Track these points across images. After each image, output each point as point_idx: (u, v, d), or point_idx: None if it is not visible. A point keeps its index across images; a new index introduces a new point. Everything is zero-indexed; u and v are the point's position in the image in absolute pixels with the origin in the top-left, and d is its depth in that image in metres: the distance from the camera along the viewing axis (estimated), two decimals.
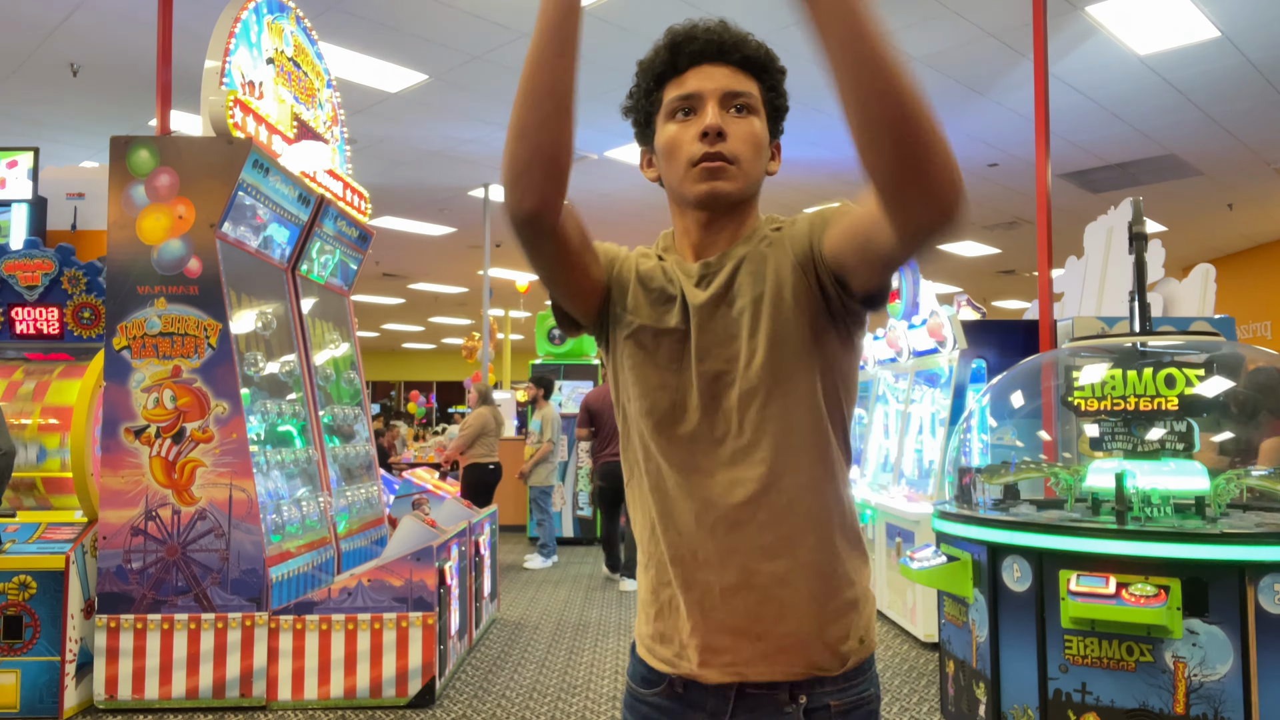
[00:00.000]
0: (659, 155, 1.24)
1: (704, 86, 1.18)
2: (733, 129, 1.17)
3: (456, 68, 6.62)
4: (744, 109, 1.19)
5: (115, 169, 4.16)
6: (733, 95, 1.18)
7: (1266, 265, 12.56)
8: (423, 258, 13.61)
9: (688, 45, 1.20)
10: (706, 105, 1.17)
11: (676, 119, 1.20)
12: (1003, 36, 6.05)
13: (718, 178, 1.17)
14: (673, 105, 1.20)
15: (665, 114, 1.21)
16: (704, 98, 1.18)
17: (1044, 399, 3.98)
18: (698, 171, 1.17)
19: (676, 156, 1.19)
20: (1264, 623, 2.61)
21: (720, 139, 1.16)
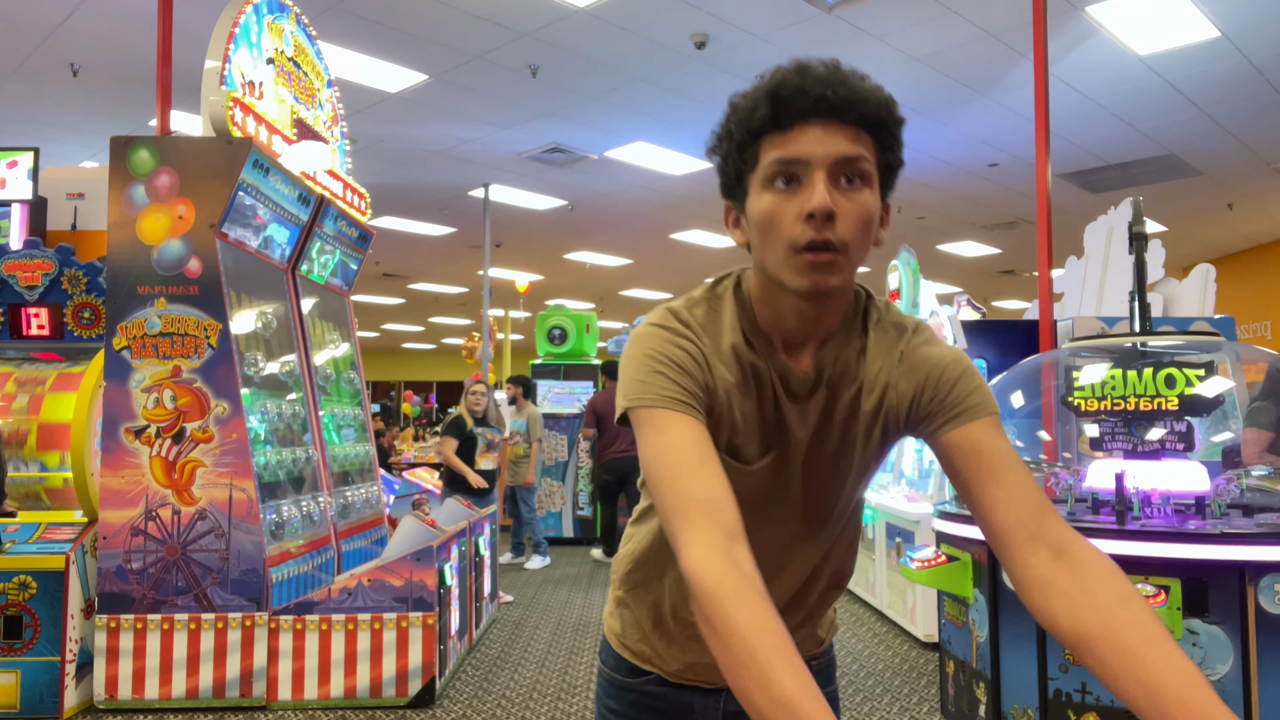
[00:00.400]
0: (751, 225, 1.05)
1: (813, 153, 0.99)
2: (844, 208, 0.99)
3: (456, 68, 6.62)
4: (855, 179, 1.00)
5: (115, 169, 4.16)
6: (845, 163, 0.99)
7: (1266, 265, 12.56)
8: (423, 258, 13.61)
9: (797, 100, 0.99)
10: (814, 176, 0.98)
11: (775, 187, 1.01)
12: (1003, 36, 6.05)
13: (824, 271, 1.00)
14: (771, 170, 1.01)
15: (763, 178, 1.02)
16: (811, 166, 0.99)
17: (1044, 399, 3.98)
18: (801, 262, 1.00)
19: (774, 235, 1.02)
20: (1264, 623, 2.61)
21: (828, 223, 0.98)
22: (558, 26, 5.93)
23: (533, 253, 13.34)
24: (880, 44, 6.09)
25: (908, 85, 6.77)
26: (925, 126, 7.76)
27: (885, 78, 1.06)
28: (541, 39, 6.12)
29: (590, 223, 11.30)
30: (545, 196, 10.15)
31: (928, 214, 10.84)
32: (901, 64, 6.39)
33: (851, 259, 1.01)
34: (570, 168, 9.04)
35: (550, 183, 9.61)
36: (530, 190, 9.91)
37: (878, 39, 6.02)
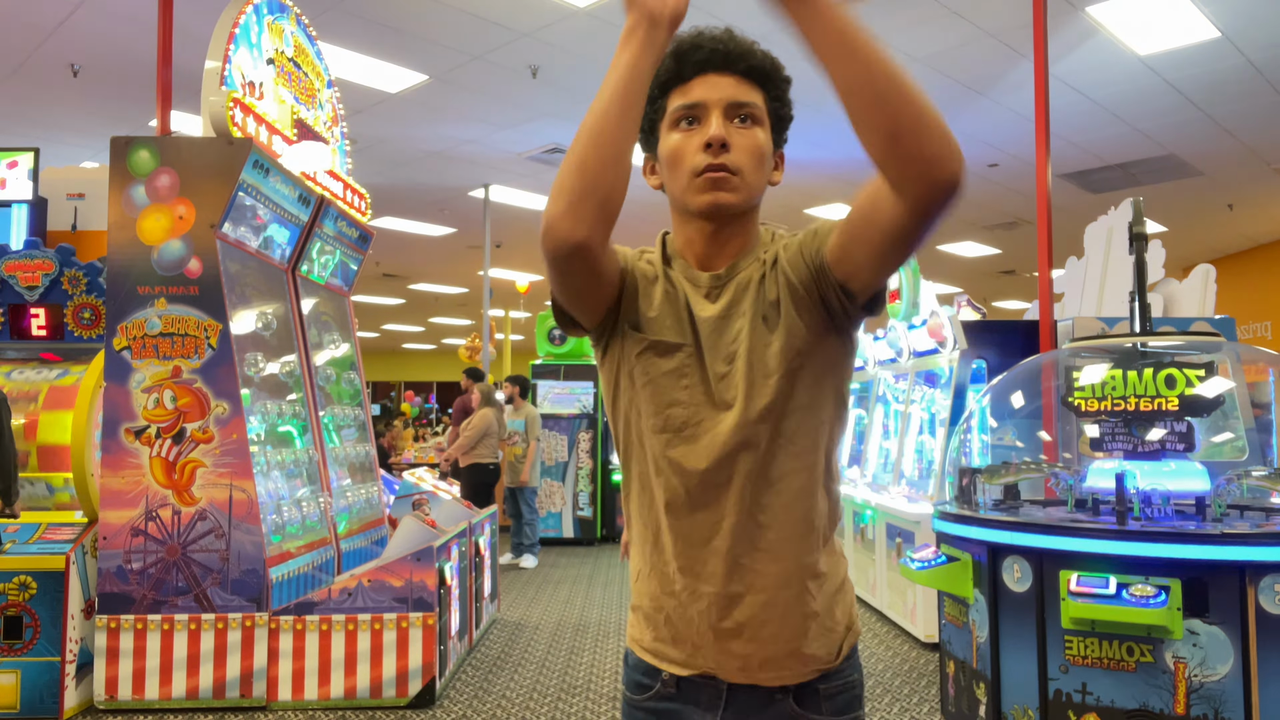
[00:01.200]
0: (662, 164, 1.24)
1: (708, 96, 1.18)
2: (736, 140, 1.17)
3: (457, 68, 6.62)
4: (748, 119, 1.19)
5: (115, 169, 4.16)
6: (737, 106, 1.18)
7: (1267, 265, 12.56)
8: (423, 258, 13.61)
9: (693, 54, 1.20)
10: (710, 115, 1.18)
11: (680, 128, 1.20)
12: (1003, 37, 6.05)
13: (720, 188, 1.17)
14: (676, 114, 1.20)
15: (669, 122, 1.22)
16: (708, 108, 1.18)
17: (1044, 399, 3.98)
18: (701, 182, 1.17)
19: (679, 166, 1.20)
20: (1264, 623, 2.61)
21: (724, 150, 1.16)
22: (558, 27, 5.93)
23: (533, 253, 13.33)
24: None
25: None
26: None
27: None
28: (541, 39, 6.12)
29: None
30: (545, 197, 10.07)
31: None
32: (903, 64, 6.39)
33: (746, 182, 1.18)
34: None
35: (550, 183, 9.56)
36: (530, 190, 9.91)
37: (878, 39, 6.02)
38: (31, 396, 4.48)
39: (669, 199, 1.26)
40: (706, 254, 1.25)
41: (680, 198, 1.22)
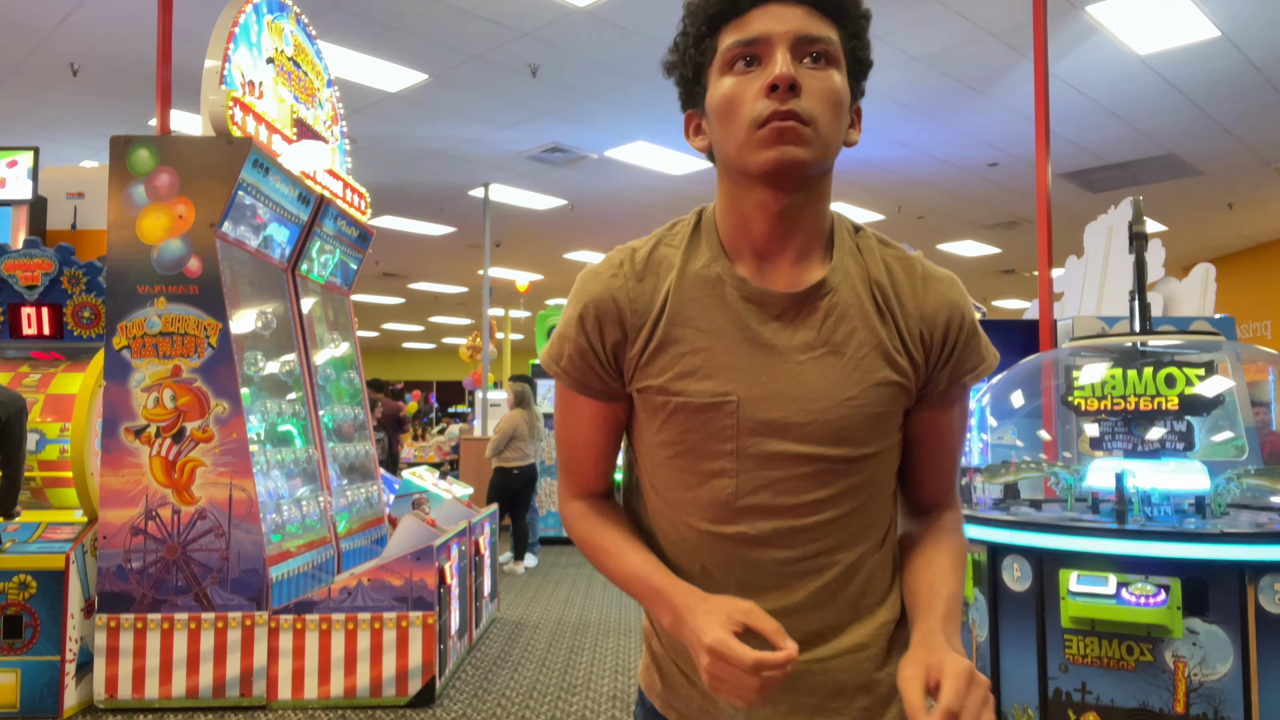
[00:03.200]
0: (711, 117, 0.98)
1: (772, 29, 0.92)
2: (809, 82, 0.92)
3: (456, 67, 6.62)
4: (821, 58, 0.93)
5: (115, 168, 4.15)
6: (808, 40, 0.92)
7: (1267, 265, 12.56)
8: (422, 257, 13.60)
9: None
10: (775, 52, 0.92)
11: (736, 70, 0.94)
12: (1003, 36, 6.05)
13: (789, 141, 0.90)
14: (731, 53, 0.94)
15: (721, 64, 0.95)
16: (772, 43, 0.92)
17: (1044, 398, 3.98)
18: (764, 134, 0.91)
19: (736, 116, 0.93)
20: (1264, 622, 2.61)
21: (793, 93, 0.90)
22: (558, 26, 5.93)
23: (533, 252, 13.34)
24: (880, 43, 6.07)
25: (908, 84, 6.77)
26: (925, 126, 7.76)
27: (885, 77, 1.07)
28: (541, 38, 6.12)
29: (590, 222, 11.30)
30: (545, 196, 10.15)
31: (928, 214, 10.84)
32: (901, 63, 6.39)
33: (821, 135, 0.92)
34: (570, 167, 9.04)
35: (550, 182, 9.61)
36: (530, 190, 9.91)
37: (878, 38, 6.00)
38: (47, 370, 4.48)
39: (718, 164, 1.01)
40: (768, 239, 0.99)
41: (736, 156, 0.95)
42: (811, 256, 1.00)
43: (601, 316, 1.01)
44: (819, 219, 1.00)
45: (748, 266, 1.00)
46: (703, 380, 0.99)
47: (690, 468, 1.01)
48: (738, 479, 1.00)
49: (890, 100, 7.06)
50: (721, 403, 0.98)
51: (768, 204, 0.96)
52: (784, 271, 1.00)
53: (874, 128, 7.70)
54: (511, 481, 7.49)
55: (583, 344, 1.02)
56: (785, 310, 0.98)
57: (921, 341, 1.00)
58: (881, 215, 10.76)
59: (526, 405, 7.65)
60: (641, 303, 1.01)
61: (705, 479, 1.01)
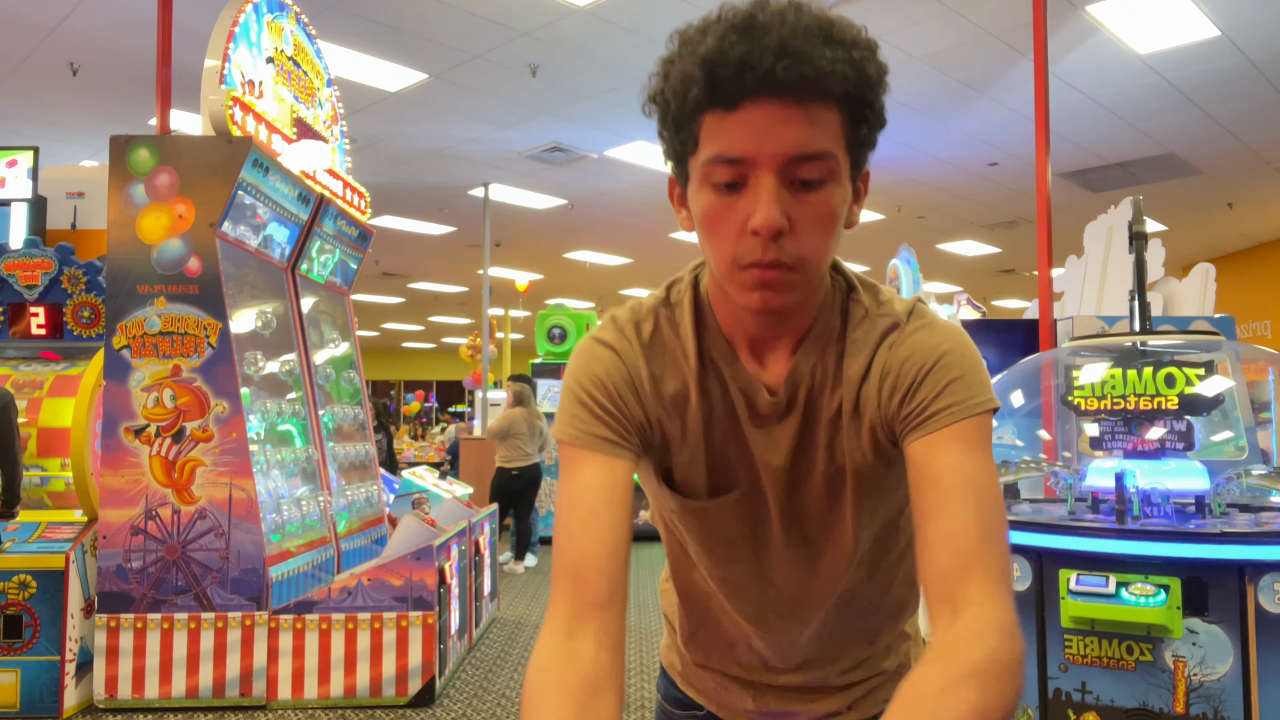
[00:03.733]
0: (694, 217, 0.88)
1: (759, 150, 0.80)
2: (798, 217, 0.82)
3: (456, 67, 6.61)
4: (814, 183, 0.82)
5: (115, 168, 4.15)
6: (800, 161, 0.80)
7: (1266, 264, 12.56)
8: (422, 257, 13.60)
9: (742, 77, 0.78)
10: (760, 182, 0.80)
11: (717, 188, 0.83)
12: (1003, 35, 6.05)
13: (774, 289, 0.84)
14: (711, 170, 0.83)
15: (702, 174, 0.84)
16: (758, 167, 0.80)
17: (1044, 398, 3.98)
18: (746, 277, 0.84)
19: (717, 244, 0.85)
20: (1264, 622, 2.61)
21: (778, 239, 0.81)
22: (557, 25, 5.93)
23: (532, 252, 13.33)
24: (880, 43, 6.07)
25: (908, 84, 6.76)
26: (925, 125, 7.76)
27: None
28: (541, 38, 6.12)
29: (590, 222, 11.29)
30: (545, 195, 10.14)
31: (928, 213, 10.83)
32: (901, 63, 6.38)
33: (809, 272, 0.85)
34: (570, 167, 9.03)
35: (550, 182, 9.61)
36: (530, 189, 9.90)
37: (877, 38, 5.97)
38: (47, 369, 4.48)
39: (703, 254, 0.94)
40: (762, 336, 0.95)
41: (721, 277, 0.88)
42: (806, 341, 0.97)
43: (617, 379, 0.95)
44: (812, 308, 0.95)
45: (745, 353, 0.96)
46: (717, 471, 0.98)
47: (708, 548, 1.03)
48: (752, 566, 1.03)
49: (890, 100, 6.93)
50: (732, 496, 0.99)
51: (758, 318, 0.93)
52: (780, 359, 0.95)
53: None
54: (511, 483, 7.46)
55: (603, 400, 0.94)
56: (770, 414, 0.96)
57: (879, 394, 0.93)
58: (881, 215, 10.76)
59: (526, 403, 7.61)
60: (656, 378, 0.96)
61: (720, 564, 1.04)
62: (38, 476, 4.34)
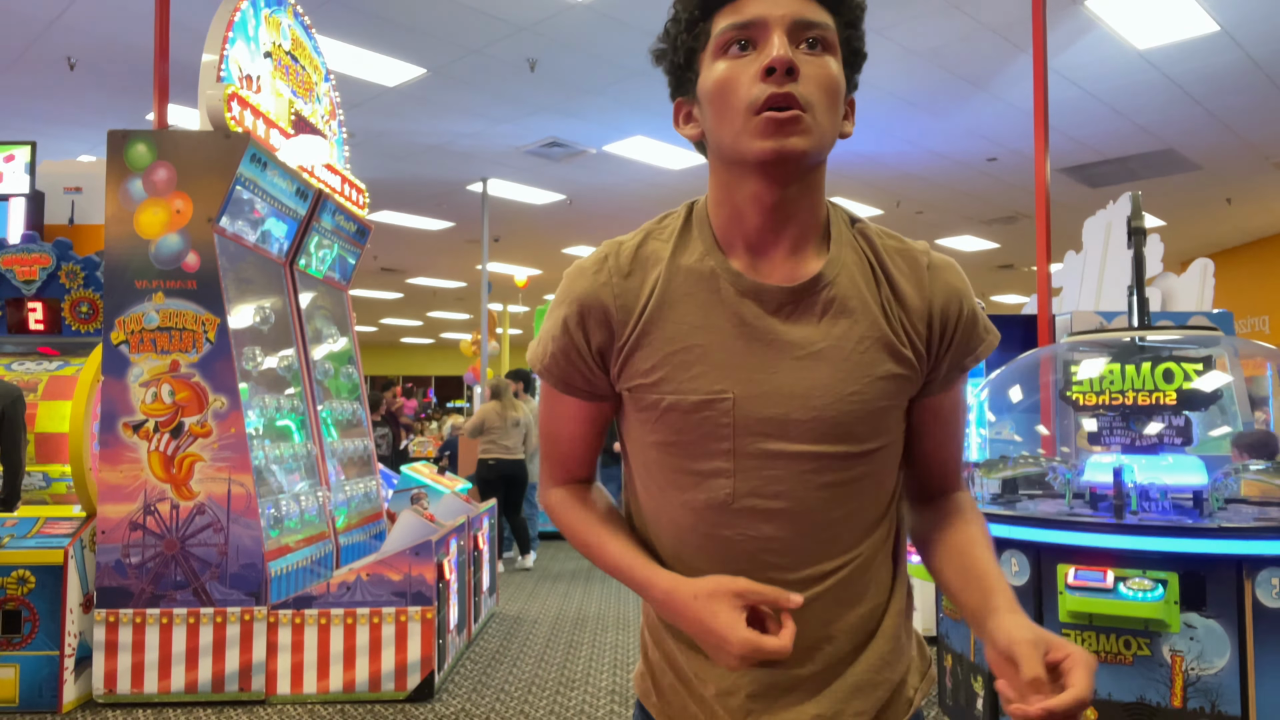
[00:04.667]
0: (703, 103, 0.95)
1: (769, 12, 0.90)
2: (806, 69, 0.90)
3: (454, 61, 6.60)
4: (818, 44, 0.91)
5: (113, 163, 4.15)
6: (805, 25, 0.90)
7: (1265, 260, 12.56)
8: (421, 252, 13.59)
9: None
10: (771, 35, 0.90)
11: (730, 53, 0.92)
12: (1002, 31, 6.04)
13: (788, 131, 0.89)
14: (725, 36, 0.92)
15: (715, 49, 0.93)
16: (768, 26, 0.90)
17: (1042, 393, 3.98)
18: (761, 122, 0.89)
19: (730, 101, 0.91)
20: (1261, 617, 2.61)
21: (790, 77, 0.88)
22: (556, 20, 5.92)
23: (531, 247, 13.33)
24: (879, 38, 6.07)
25: (907, 79, 6.76)
26: (924, 121, 7.75)
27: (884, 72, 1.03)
28: (540, 33, 6.11)
29: (589, 217, 11.29)
30: (543, 191, 10.14)
31: (926, 209, 10.83)
32: (901, 58, 6.38)
33: (819, 123, 0.90)
34: (568, 162, 9.02)
35: (548, 177, 9.60)
36: (528, 184, 9.90)
37: (877, 33, 6.01)
38: (45, 364, 4.47)
39: (710, 153, 0.99)
40: (762, 231, 0.97)
41: (731, 144, 0.93)
42: (806, 249, 0.98)
43: (586, 315, 1.00)
44: (814, 210, 0.98)
45: (741, 260, 0.98)
46: (697, 378, 0.96)
47: (685, 468, 0.99)
48: (735, 479, 0.97)
49: (889, 95, 7.05)
50: (717, 400, 0.96)
51: (761, 196, 0.94)
52: (778, 264, 0.97)
53: (873, 122, 7.69)
54: (487, 473, 7.36)
55: (567, 344, 1.01)
56: (783, 305, 0.96)
57: (926, 332, 0.99)
58: (880, 210, 10.75)
59: (500, 397, 7.58)
60: (628, 299, 0.99)
61: (701, 479, 0.98)
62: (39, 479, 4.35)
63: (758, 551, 0.99)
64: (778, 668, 1.00)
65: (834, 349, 0.96)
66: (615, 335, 0.99)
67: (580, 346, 1.01)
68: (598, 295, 0.99)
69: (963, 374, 1.03)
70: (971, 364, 1.02)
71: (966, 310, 1.00)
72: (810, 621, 0.99)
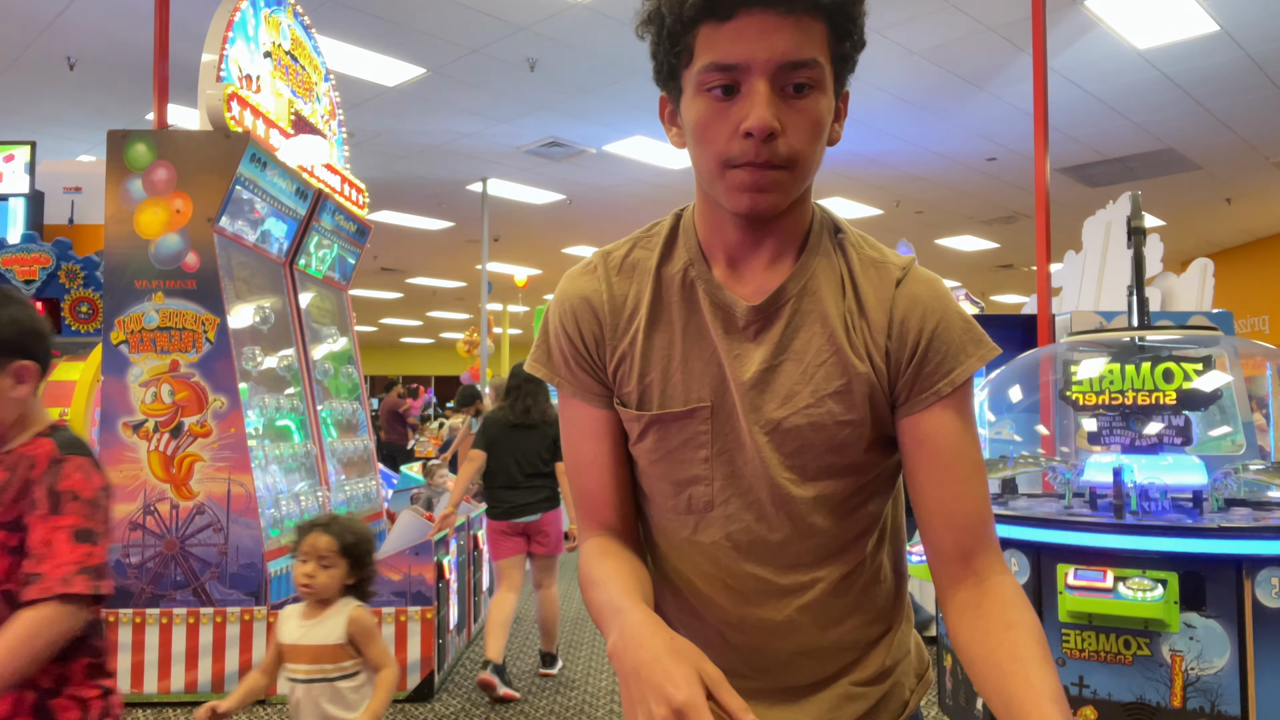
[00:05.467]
0: (685, 129, 0.94)
1: (752, 56, 0.85)
2: (789, 121, 0.87)
3: (454, 61, 6.60)
4: (805, 87, 0.87)
5: (112, 163, 4.15)
6: (792, 68, 0.85)
7: (1264, 259, 12.56)
8: (420, 252, 13.59)
9: None
10: (754, 86, 0.85)
11: (712, 93, 0.88)
12: (1002, 30, 6.04)
13: (763, 189, 0.88)
14: (706, 76, 0.87)
15: (696, 83, 0.89)
16: (751, 73, 0.85)
17: (1042, 393, 3.98)
18: (736, 178, 0.88)
19: (708, 148, 0.90)
20: (1261, 616, 2.61)
21: (769, 142, 0.86)
22: (556, 20, 5.91)
23: (531, 247, 13.32)
24: (879, 38, 6.07)
25: (907, 79, 6.76)
26: (924, 120, 7.75)
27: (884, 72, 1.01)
28: (539, 33, 6.11)
29: (588, 217, 11.28)
30: (543, 191, 10.14)
31: (926, 209, 10.83)
32: (900, 58, 6.38)
33: (798, 174, 0.90)
34: (568, 162, 9.02)
35: (548, 177, 9.60)
36: (528, 184, 9.90)
37: (877, 33, 6.01)
38: None
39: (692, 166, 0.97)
40: (742, 246, 0.97)
41: (709, 184, 0.93)
42: (786, 258, 0.98)
43: (580, 316, 1.01)
44: (798, 221, 0.98)
45: (721, 269, 0.99)
46: (677, 388, 0.98)
47: (669, 475, 1.00)
48: (713, 486, 0.99)
49: (889, 95, 7.05)
50: (695, 410, 0.97)
51: (741, 226, 0.96)
52: (756, 274, 0.98)
53: (872, 122, 7.69)
54: None
55: (566, 344, 1.02)
56: (750, 322, 0.97)
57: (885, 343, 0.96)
58: (880, 210, 10.75)
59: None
60: (618, 303, 1.01)
61: (683, 487, 1.00)
62: None
63: (739, 561, 1.00)
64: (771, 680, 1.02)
65: (793, 361, 0.96)
66: (606, 339, 1.01)
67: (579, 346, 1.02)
68: (587, 298, 1.02)
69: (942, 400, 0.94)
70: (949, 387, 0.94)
71: (934, 324, 0.95)
72: (796, 631, 1.00)
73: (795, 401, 0.95)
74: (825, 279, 0.98)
